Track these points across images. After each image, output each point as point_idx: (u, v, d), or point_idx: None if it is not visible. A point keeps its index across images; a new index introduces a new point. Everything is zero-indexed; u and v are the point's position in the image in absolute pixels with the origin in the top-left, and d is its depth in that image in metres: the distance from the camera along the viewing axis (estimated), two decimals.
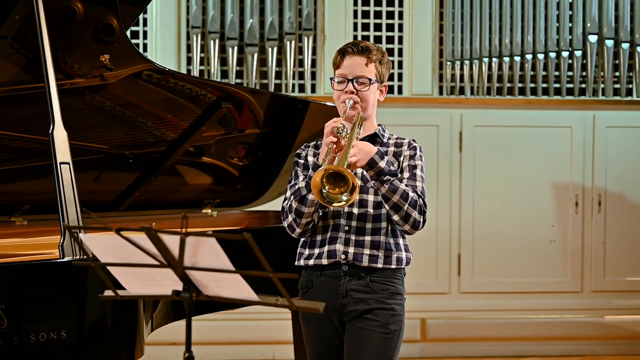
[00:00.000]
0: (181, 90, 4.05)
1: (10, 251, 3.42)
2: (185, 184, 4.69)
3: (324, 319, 2.84)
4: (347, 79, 2.86)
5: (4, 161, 3.88)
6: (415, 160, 2.85)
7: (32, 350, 2.38)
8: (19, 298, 2.38)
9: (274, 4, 6.11)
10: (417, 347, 6.24)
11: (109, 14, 3.44)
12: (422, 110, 6.30)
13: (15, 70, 3.50)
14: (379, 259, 2.79)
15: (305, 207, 2.74)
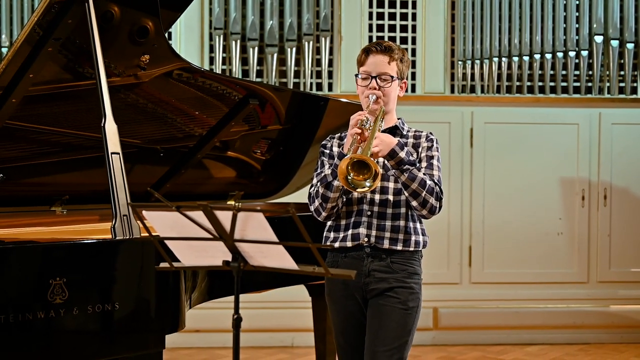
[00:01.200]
0: (209, 88, 4.17)
1: (54, 237, 3.57)
2: (211, 177, 4.81)
3: (348, 296, 3.06)
4: (370, 75, 3.04)
5: (45, 154, 4.01)
6: (432, 151, 3.06)
7: (89, 319, 2.60)
8: (78, 273, 2.60)
9: (292, 6, 6.26)
10: (429, 334, 6.35)
11: (144, 16, 3.56)
12: (434, 108, 6.41)
13: (56, 70, 3.60)
14: (398, 241, 3.00)
15: (331, 193, 2.96)
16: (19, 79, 3.33)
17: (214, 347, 6.10)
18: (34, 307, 2.48)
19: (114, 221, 2.86)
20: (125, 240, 2.85)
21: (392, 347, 2.95)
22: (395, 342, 2.96)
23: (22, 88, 3.37)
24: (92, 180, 4.26)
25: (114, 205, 2.90)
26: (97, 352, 2.65)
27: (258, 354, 5.99)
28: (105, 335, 2.67)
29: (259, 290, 4.08)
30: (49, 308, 2.51)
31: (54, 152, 4.05)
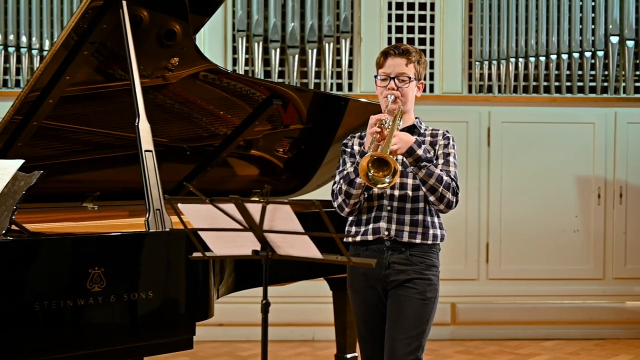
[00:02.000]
0: (233, 89, 4.31)
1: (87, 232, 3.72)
2: (235, 174, 4.95)
3: (369, 287, 3.20)
4: (389, 77, 3.18)
5: (77, 153, 4.17)
6: (449, 149, 3.19)
7: (125, 307, 2.77)
8: (115, 263, 2.77)
9: (313, 9, 6.41)
10: (447, 329, 6.48)
11: (171, 20, 3.71)
12: (452, 108, 6.51)
13: (88, 71, 3.76)
14: (417, 235, 3.14)
15: (353, 189, 3.11)
16: (56, 81, 3.50)
17: (236, 341, 6.24)
18: (75, 295, 2.65)
19: (147, 215, 3.02)
20: (159, 232, 3.00)
21: (410, 336, 3.09)
22: (414, 330, 3.10)
23: (59, 89, 3.54)
24: (121, 178, 4.44)
25: (148, 200, 3.06)
26: (132, 338, 2.82)
27: (280, 348, 6.13)
28: (139, 321, 2.83)
29: (283, 283, 4.21)
30: (88, 296, 2.67)
31: (85, 151, 4.20)
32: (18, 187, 2.96)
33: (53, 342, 2.63)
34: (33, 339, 2.59)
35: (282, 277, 3.94)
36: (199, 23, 4.01)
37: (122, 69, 3.85)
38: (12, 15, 6.24)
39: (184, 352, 5.76)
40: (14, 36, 6.23)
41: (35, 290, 2.59)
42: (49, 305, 2.59)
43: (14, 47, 6.24)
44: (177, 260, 2.95)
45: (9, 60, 6.24)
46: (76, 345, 2.68)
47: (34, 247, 2.68)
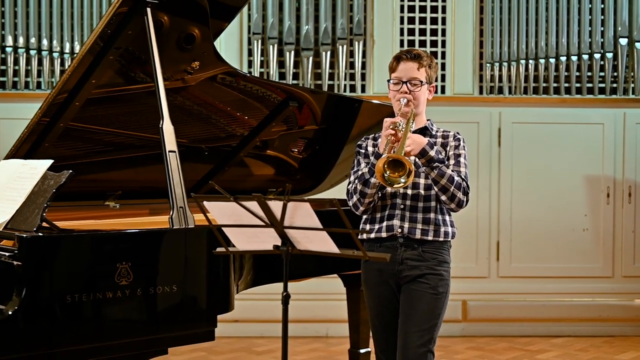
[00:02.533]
0: (250, 91, 4.42)
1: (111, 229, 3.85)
2: (251, 174, 5.04)
3: (383, 283, 3.32)
4: (401, 81, 3.31)
5: (99, 153, 4.27)
6: (459, 150, 3.31)
7: (151, 299, 2.89)
8: (141, 258, 2.90)
9: (327, 12, 6.53)
10: (458, 326, 6.57)
11: (191, 24, 3.80)
12: (463, 109, 6.61)
13: (111, 74, 3.84)
14: (429, 232, 3.27)
15: (368, 189, 3.23)
16: (83, 84, 3.63)
17: (251, 337, 6.37)
18: (104, 288, 2.78)
19: (171, 212, 3.16)
20: (182, 229, 3.14)
21: (423, 329, 3.21)
22: (426, 324, 3.22)
23: (85, 92, 3.67)
24: (142, 177, 4.55)
25: (171, 198, 3.19)
26: (157, 329, 2.95)
27: (294, 344, 6.22)
28: (164, 314, 2.96)
29: (298, 279, 4.31)
30: (116, 289, 2.81)
31: (107, 151, 4.31)
32: (48, 185, 3.09)
33: (83, 333, 2.76)
34: (64, 330, 2.73)
35: (299, 274, 4.04)
36: (219, 28, 4.09)
37: (143, 72, 3.96)
38: (34, 19, 6.39)
39: (201, 347, 5.92)
40: (35, 39, 6.38)
41: (67, 284, 2.72)
42: (80, 298, 2.73)
43: (35, 49, 6.38)
44: (199, 256, 3.08)
45: (30, 63, 6.39)
46: (104, 336, 2.81)
47: (66, 243, 2.81)
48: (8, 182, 3.29)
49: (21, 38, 6.36)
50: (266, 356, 5.92)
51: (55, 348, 2.70)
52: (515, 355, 6.03)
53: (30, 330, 2.64)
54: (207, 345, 6.02)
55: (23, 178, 3.25)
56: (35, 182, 3.16)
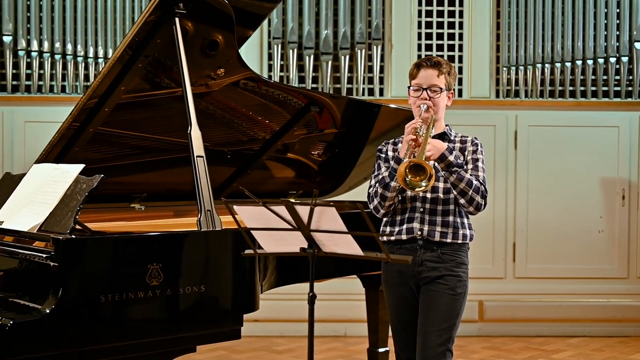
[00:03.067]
0: (271, 96, 4.52)
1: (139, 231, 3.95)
2: (272, 177, 5.14)
3: (402, 283, 3.42)
4: (422, 87, 3.40)
5: (125, 156, 4.39)
6: (477, 155, 3.41)
7: (179, 299, 3.00)
8: (171, 259, 3.01)
9: (346, 17, 6.62)
10: (475, 326, 6.65)
11: (214, 31, 3.90)
12: (480, 112, 6.68)
13: (137, 80, 3.96)
14: (448, 235, 3.36)
15: (389, 192, 3.33)
16: (112, 91, 3.75)
17: (271, 336, 6.47)
18: (136, 288, 2.90)
19: (199, 215, 3.27)
20: (210, 231, 3.25)
21: (441, 328, 3.31)
22: (445, 323, 3.32)
23: (114, 98, 3.79)
24: (166, 180, 4.66)
25: (199, 201, 3.30)
26: (186, 328, 3.06)
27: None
28: (193, 313, 3.07)
29: (321, 280, 4.40)
30: (147, 289, 2.92)
31: (132, 155, 4.43)
32: (80, 189, 3.21)
33: (116, 331, 2.87)
34: (98, 328, 2.84)
35: (321, 275, 4.13)
36: (243, 35, 4.18)
37: (168, 77, 4.08)
38: (59, 24, 6.53)
39: (222, 347, 6.04)
40: (60, 44, 6.51)
41: (101, 284, 2.84)
42: (113, 297, 2.84)
43: (59, 54, 6.51)
44: (226, 257, 3.19)
45: (54, 67, 6.53)
46: (136, 334, 2.93)
47: (101, 245, 2.93)
48: (41, 185, 3.41)
49: (46, 42, 6.50)
50: (286, 355, 6.03)
51: (89, 345, 2.82)
52: (531, 355, 6.10)
53: (67, 328, 2.76)
54: (228, 344, 6.13)
55: (55, 182, 3.37)
56: (68, 185, 3.27)
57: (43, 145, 6.03)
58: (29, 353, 2.70)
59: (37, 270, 2.95)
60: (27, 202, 3.39)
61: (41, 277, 2.92)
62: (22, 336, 2.67)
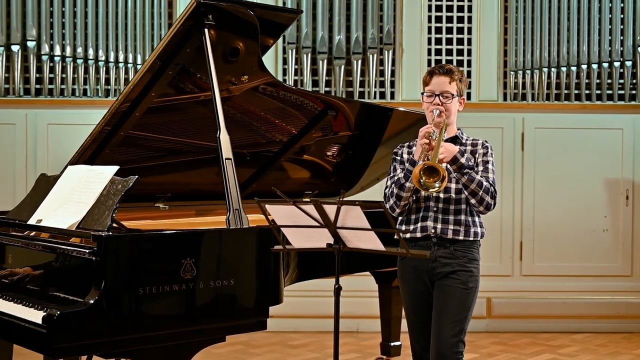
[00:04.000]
0: (289, 100, 4.69)
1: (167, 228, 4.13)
2: (289, 177, 5.31)
3: (417, 279, 3.62)
4: (434, 93, 3.61)
5: (150, 158, 4.57)
6: (487, 157, 3.61)
7: (211, 292, 3.20)
8: (203, 255, 3.22)
9: (358, 22, 6.81)
10: (483, 322, 6.81)
11: (237, 39, 4.07)
12: (488, 115, 6.84)
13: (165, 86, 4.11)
14: (460, 232, 3.56)
15: (404, 192, 3.53)
16: (143, 97, 3.95)
17: (286, 332, 6.66)
18: (171, 282, 3.11)
19: (228, 214, 3.47)
20: (239, 229, 3.45)
21: (454, 320, 3.51)
22: (457, 316, 3.52)
23: (145, 103, 4.00)
24: (189, 180, 4.86)
25: (228, 201, 3.51)
26: (217, 319, 3.27)
27: (326, 338, 6.50)
28: (222, 305, 3.28)
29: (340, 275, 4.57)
30: (181, 282, 3.13)
31: (157, 156, 4.61)
32: (116, 189, 3.42)
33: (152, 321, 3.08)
34: (136, 318, 3.06)
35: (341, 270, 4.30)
36: (264, 43, 4.33)
37: (191, 83, 4.26)
38: (81, 30, 6.74)
39: (239, 341, 6.25)
40: (82, 49, 6.73)
41: (139, 277, 3.05)
42: (150, 290, 3.06)
43: (82, 59, 6.73)
44: (253, 253, 3.40)
45: (77, 72, 6.73)
46: (170, 324, 3.14)
47: (140, 241, 3.14)
48: (77, 186, 3.61)
49: (68, 48, 6.70)
50: (301, 349, 6.22)
51: (127, 334, 3.03)
52: (538, 350, 6.25)
53: (107, 318, 2.97)
54: (245, 339, 6.34)
55: (91, 182, 3.57)
56: (104, 186, 3.47)
57: (65, 147, 6.29)
58: (74, 341, 2.91)
59: (77, 264, 3.15)
60: (64, 201, 3.59)
61: (81, 271, 3.12)
62: (69, 325, 2.89)
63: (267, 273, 3.44)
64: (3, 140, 6.72)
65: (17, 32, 6.69)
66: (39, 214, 3.67)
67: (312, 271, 4.08)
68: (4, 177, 6.72)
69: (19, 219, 3.77)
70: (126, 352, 3.08)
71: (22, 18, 6.73)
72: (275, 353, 6.12)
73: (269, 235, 3.42)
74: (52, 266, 3.32)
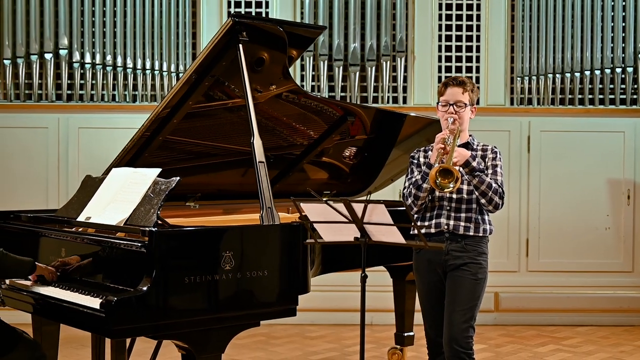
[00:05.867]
0: (310, 107, 4.98)
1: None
2: (309, 178, 5.58)
3: (431, 271, 3.97)
4: (449, 103, 3.96)
5: (181, 160, 4.88)
6: (496, 161, 3.96)
7: (247, 281, 3.54)
8: (240, 248, 3.56)
9: (372, 31, 7.12)
10: (491, 316, 7.09)
11: (263, 50, 4.36)
12: (496, 118, 7.10)
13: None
14: (470, 229, 3.91)
15: (421, 192, 3.88)
16: (181, 105, 4.31)
17: (304, 324, 6.98)
18: (213, 272, 3.46)
19: (262, 211, 3.83)
20: (271, 225, 3.81)
21: (465, 308, 3.86)
22: (468, 304, 3.87)
23: (183, 111, 4.35)
24: (215, 181, 5.15)
25: (261, 200, 3.85)
26: (253, 306, 3.61)
27: (341, 330, 6.85)
28: (257, 293, 3.62)
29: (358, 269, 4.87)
30: (221, 272, 3.48)
31: (187, 159, 4.92)
32: (160, 189, 3.77)
33: (196, 307, 3.43)
34: (182, 304, 3.40)
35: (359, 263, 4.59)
36: (291, 54, 4.65)
37: (220, 91, 4.56)
38: (110, 39, 7.09)
39: (261, 333, 6.60)
40: (111, 57, 7.09)
41: (185, 268, 3.40)
42: (195, 279, 3.41)
43: (110, 66, 7.09)
44: (283, 247, 3.74)
45: (106, 78, 7.09)
46: (212, 310, 3.49)
47: (185, 235, 3.49)
48: (123, 186, 3.96)
49: (98, 55, 7.07)
50: (319, 340, 6.56)
51: (174, 318, 3.38)
52: (543, 341, 6.53)
53: (157, 304, 3.32)
54: (265, 330, 6.69)
55: (136, 183, 3.92)
56: (148, 186, 3.83)
57: (94, 149, 6.66)
58: (129, 323, 3.26)
59: (125, 257, 3.50)
60: (111, 200, 3.95)
61: (129, 263, 3.47)
62: (125, 310, 3.24)
63: (296, 265, 3.78)
64: (37, 143, 7.07)
65: (50, 42, 7.06)
66: (87, 212, 4.01)
67: (334, 265, 4.40)
68: (37, 177, 7.08)
69: (68, 216, 4.12)
70: (173, 334, 3.44)
71: (55, 28, 7.09)
72: (295, 343, 6.45)
73: (298, 231, 3.77)
74: (102, 259, 3.67)
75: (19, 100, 7.11)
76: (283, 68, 4.54)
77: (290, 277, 3.76)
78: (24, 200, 6.66)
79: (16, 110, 7.08)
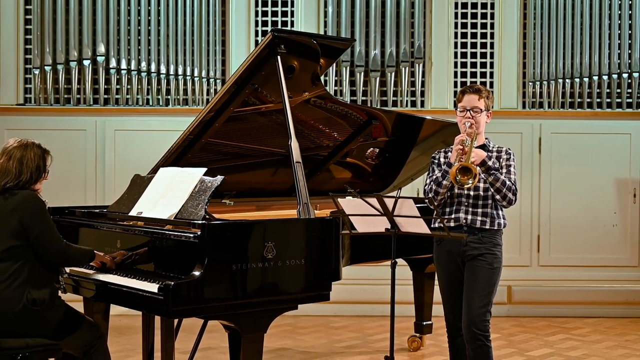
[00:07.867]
0: (335, 111, 5.33)
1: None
2: (334, 177, 5.94)
3: (450, 261, 4.35)
4: (466, 109, 4.34)
5: (217, 161, 5.23)
6: (510, 162, 4.34)
7: (286, 269, 3.93)
8: (281, 239, 3.95)
9: (392, 38, 7.48)
10: (505, 308, 7.37)
11: (292, 58, 4.69)
12: (509, 121, 7.37)
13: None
14: (486, 223, 4.29)
15: (441, 189, 4.28)
16: (223, 110, 4.71)
17: (328, 315, 7.35)
18: (256, 260, 3.88)
19: (299, 207, 4.23)
20: (308, 218, 4.20)
21: (482, 294, 4.25)
22: (485, 290, 4.26)
23: (224, 116, 4.75)
24: (248, 180, 5.52)
25: (298, 196, 4.25)
26: (290, 291, 4.02)
27: (363, 321, 7.20)
28: (295, 280, 4.02)
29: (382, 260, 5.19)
30: (264, 261, 3.90)
31: (223, 159, 5.28)
32: (206, 186, 4.17)
33: (242, 292, 3.83)
34: (229, 289, 3.81)
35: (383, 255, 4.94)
36: (327, 64, 5.06)
37: (254, 97, 4.93)
38: (144, 45, 7.49)
39: (287, 323, 6.96)
40: (145, 63, 7.49)
41: (233, 256, 3.81)
42: (241, 266, 3.82)
43: (145, 72, 7.49)
44: (318, 238, 4.13)
45: (141, 83, 7.50)
46: (255, 294, 3.87)
47: (233, 227, 3.89)
48: (171, 184, 4.36)
49: (133, 62, 7.47)
50: (342, 330, 6.93)
51: (222, 302, 3.79)
52: (553, 331, 6.84)
53: (208, 288, 3.73)
54: (291, 320, 7.05)
55: (183, 181, 4.33)
56: (195, 184, 4.23)
57: (130, 150, 7.07)
58: (185, 305, 3.67)
59: (177, 247, 3.91)
60: (160, 196, 4.34)
61: (180, 252, 3.88)
62: (181, 293, 3.65)
63: (329, 255, 4.17)
64: (75, 144, 7.47)
65: (87, 49, 7.47)
66: (139, 207, 4.42)
67: (360, 257, 4.78)
68: (76, 177, 7.47)
69: (120, 211, 4.53)
70: (221, 315, 3.85)
71: (92, 36, 7.50)
72: (320, 332, 6.82)
73: (331, 225, 4.18)
74: (154, 249, 4.08)
75: (58, 104, 7.50)
76: (312, 75, 4.88)
77: (324, 265, 4.15)
78: (64, 198, 6.90)
79: (56, 113, 7.46)
